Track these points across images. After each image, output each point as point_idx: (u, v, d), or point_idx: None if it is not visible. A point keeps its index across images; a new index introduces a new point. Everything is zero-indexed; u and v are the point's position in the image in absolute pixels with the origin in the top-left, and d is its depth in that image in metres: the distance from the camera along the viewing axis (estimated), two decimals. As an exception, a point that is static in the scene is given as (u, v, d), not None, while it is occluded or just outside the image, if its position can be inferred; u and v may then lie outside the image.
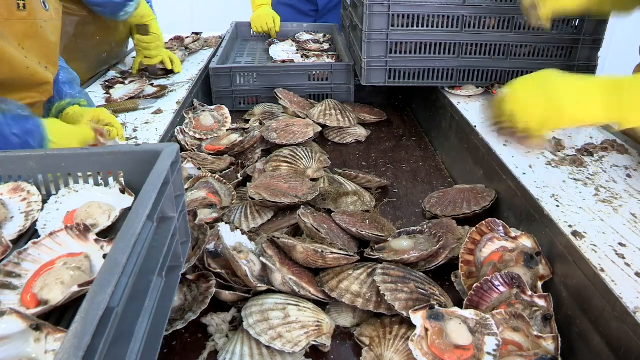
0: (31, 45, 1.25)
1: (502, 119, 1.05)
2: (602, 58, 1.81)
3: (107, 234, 0.87)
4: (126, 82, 1.96)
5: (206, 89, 2.08)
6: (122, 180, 0.93)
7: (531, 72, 1.71)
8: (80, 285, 0.68)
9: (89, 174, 0.96)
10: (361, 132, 1.79)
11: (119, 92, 1.85)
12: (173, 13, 4.12)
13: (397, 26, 1.71)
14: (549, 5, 1.22)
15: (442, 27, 1.72)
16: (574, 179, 1.23)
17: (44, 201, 0.96)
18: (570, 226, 1.05)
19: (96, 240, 0.81)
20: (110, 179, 0.97)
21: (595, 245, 0.99)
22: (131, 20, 1.98)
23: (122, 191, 0.92)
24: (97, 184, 0.96)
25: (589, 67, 1.79)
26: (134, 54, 2.44)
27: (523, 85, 1.05)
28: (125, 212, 0.89)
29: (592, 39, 1.74)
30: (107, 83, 1.97)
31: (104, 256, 0.79)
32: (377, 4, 1.67)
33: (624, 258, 0.95)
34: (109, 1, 1.85)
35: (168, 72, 2.11)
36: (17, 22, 1.20)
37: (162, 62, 2.09)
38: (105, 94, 1.87)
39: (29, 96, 1.30)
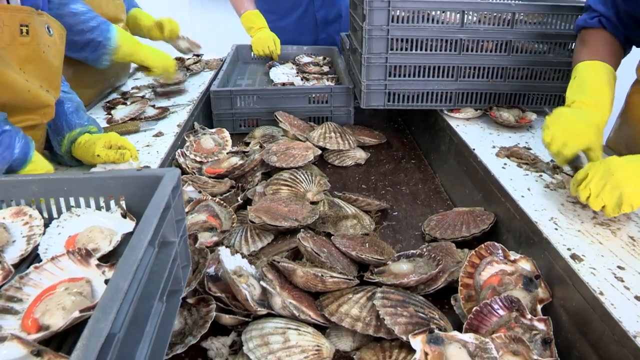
0: (33, 69, 1.27)
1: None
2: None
3: (108, 258, 0.88)
4: (127, 102, 1.97)
5: (207, 111, 2.09)
6: (123, 204, 0.94)
7: (529, 95, 1.77)
8: (81, 311, 0.69)
9: (90, 198, 0.97)
10: (361, 155, 1.80)
11: (120, 113, 1.86)
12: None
13: (396, 50, 1.73)
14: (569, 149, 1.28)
15: (441, 50, 1.74)
16: (572, 202, 1.23)
17: (46, 225, 0.96)
18: (569, 249, 1.05)
19: (98, 265, 0.82)
20: (112, 203, 0.97)
21: (594, 269, 0.99)
22: (121, 61, 1.96)
23: (124, 216, 0.93)
24: (98, 208, 0.97)
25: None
26: (136, 75, 2.47)
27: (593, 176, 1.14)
28: (127, 237, 0.90)
29: (589, 62, 1.76)
30: (108, 104, 1.98)
31: (106, 281, 0.79)
32: (376, 28, 1.69)
33: (623, 281, 0.96)
34: (85, 57, 1.85)
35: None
36: (19, 47, 1.22)
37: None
38: (106, 114, 1.89)
39: (31, 118, 1.31)
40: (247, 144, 1.85)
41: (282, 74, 2.37)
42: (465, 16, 1.70)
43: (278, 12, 2.91)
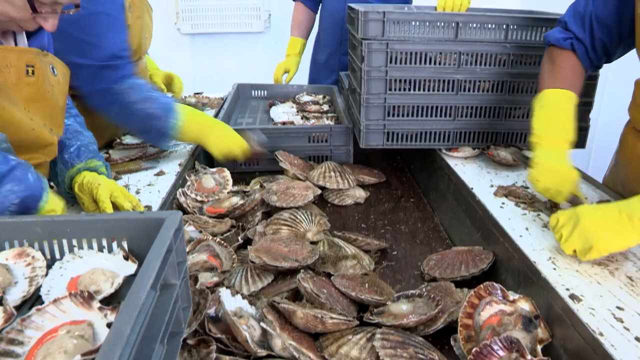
0: (37, 108, 1.29)
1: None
2: (594, 118, 1.86)
3: (110, 300, 0.88)
4: (126, 141, 1.99)
5: (208, 150, 2.11)
6: (125, 246, 0.95)
7: (526, 133, 1.80)
8: (83, 355, 0.69)
9: (93, 239, 0.98)
10: (360, 194, 1.82)
11: (119, 153, 1.88)
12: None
13: (395, 90, 1.76)
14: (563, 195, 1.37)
15: (438, 90, 1.78)
16: (570, 242, 1.24)
17: (49, 266, 0.97)
18: (567, 289, 1.06)
19: (100, 308, 0.82)
20: (114, 245, 0.98)
21: (593, 309, 1.00)
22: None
23: (126, 258, 0.94)
24: (101, 249, 0.98)
25: (581, 128, 1.83)
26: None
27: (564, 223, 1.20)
28: (129, 279, 0.90)
29: (583, 101, 1.79)
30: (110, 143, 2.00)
31: (108, 325, 0.80)
32: (375, 69, 1.72)
33: (622, 322, 0.96)
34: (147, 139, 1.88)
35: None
36: (25, 86, 1.24)
37: None
38: (104, 153, 1.91)
39: (34, 157, 1.32)
40: (248, 183, 1.86)
41: (283, 112, 2.41)
42: (462, 57, 1.74)
43: (317, 45, 3.13)
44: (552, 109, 1.42)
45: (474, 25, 1.74)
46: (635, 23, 1.35)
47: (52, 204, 1.22)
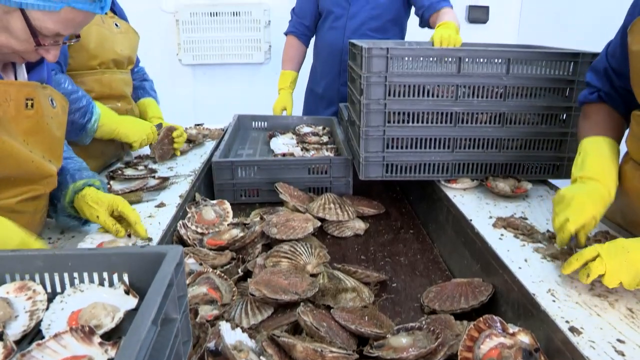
0: (36, 140, 1.31)
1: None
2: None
3: (110, 335, 0.88)
4: (128, 173, 2.01)
5: (208, 181, 2.13)
6: (127, 280, 0.96)
7: (524, 164, 1.81)
8: (84, 390, 0.69)
9: (94, 273, 0.98)
10: (360, 226, 1.82)
11: (120, 185, 1.90)
12: (176, 105, 4.26)
13: (393, 122, 1.78)
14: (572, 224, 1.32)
15: (436, 123, 1.80)
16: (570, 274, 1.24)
17: (49, 300, 0.97)
18: (567, 322, 1.06)
19: (100, 344, 0.82)
20: (115, 278, 0.99)
21: (593, 342, 1.00)
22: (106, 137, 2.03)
23: (127, 292, 0.94)
24: (102, 283, 0.99)
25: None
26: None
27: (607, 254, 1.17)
28: (129, 313, 0.91)
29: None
30: (111, 174, 2.01)
31: (108, 360, 0.80)
32: (374, 102, 1.75)
33: (623, 355, 0.96)
34: (71, 139, 1.88)
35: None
36: (24, 119, 1.26)
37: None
38: (106, 184, 1.92)
39: (34, 189, 1.34)
40: (248, 214, 1.87)
41: (283, 144, 2.43)
42: (460, 90, 1.76)
43: (313, 76, 3.22)
44: (587, 154, 1.43)
45: (479, 59, 1.77)
46: (629, 59, 1.38)
47: None
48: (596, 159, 1.41)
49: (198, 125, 2.83)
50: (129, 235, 1.45)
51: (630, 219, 1.50)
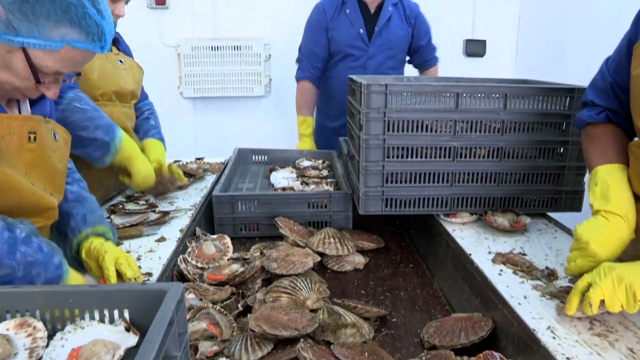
0: (38, 173, 1.32)
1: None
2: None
3: (110, 372, 0.88)
4: (129, 207, 2.02)
5: (209, 215, 2.13)
6: (127, 317, 0.96)
7: (522, 198, 1.82)
8: None
9: (95, 310, 0.99)
10: (359, 260, 1.83)
11: (120, 219, 1.90)
12: (177, 138, 4.29)
13: (393, 157, 1.80)
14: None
15: (435, 157, 1.81)
16: (569, 311, 1.24)
17: (50, 337, 0.98)
18: (567, 358, 1.06)
19: (101, 382, 0.83)
20: (116, 315, 0.99)
21: (593, 380, 1.00)
22: (118, 164, 2.02)
23: (127, 329, 0.94)
24: (102, 320, 0.99)
25: (576, 192, 1.87)
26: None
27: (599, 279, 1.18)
28: (130, 351, 0.91)
29: (577, 165, 1.84)
30: (112, 208, 2.02)
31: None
32: (373, 137, 1.77)
33: (623, 394, 0.96)
34: (88, 154, 1.91)
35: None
36: (26, 152, 1.27)
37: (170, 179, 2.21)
38: (106, 217, 1.93)
39: (36, 221, 1.34)
40: (248, 249, 1.87)
41: (283, 178, 2.44)
42: (458, 125, 1.78)
43: (324, 112, 3.36)
44: (606, 185, 1.37)
45: (477, 95, 1.80)
46: (630, 84, 1.37)
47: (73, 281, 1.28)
48: (618, 192, 1.35)
49: (198, 159, 2.85)
50: None
51: (632, 253, 1.49)
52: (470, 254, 1.57)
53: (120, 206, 2.03)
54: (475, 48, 4.51)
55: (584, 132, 1.58)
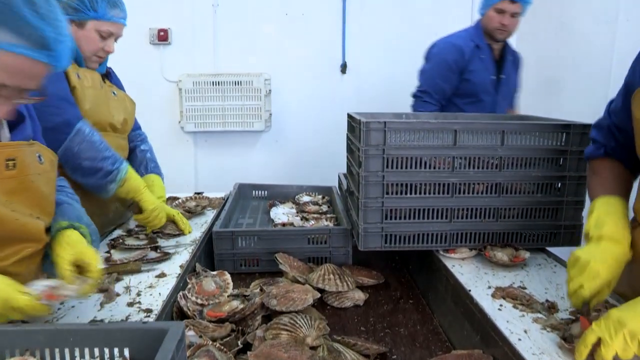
0: (21, 199, 1.30)
1: None
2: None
3: (110, 413, 0.89)
4: (129, 242, 2.03)
5: (209, 250, 2.14)
6: (128, 356, 0.96)
7: (521, 233, 1.83)
8: None
9: (95, 349, 0.99)
10: (359, 296, 1.83)
11: (120, 254, 1.91)
12: (177, 172, 4.32)
13: (392, 194, 1.81)
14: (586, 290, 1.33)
15: (434, 193, 1.83)
16: (570, 348, 1.24)
17: (49, 376, 0.98)
18: (568, 395, 1.06)
19: (100, 422, 0.83)
20: (116, 353, 0.99)
21: (594, 418, 0.99)
22: (124, 196, 2.07)
23: (128, 368, 0.95)
24: (102, 358, 0.99)
25: (575, 227, 1.88)
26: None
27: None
28: (129, 390, 0.91)
29: (575, 200, 1.85)
30: (112, 242, 2.03)
31: None
32: (372, 174, 1.78)
33: None
34: (92, 183, 1.97)
35: (178, 232, 2.20)
36: (5, 180, 1.24)
37: (172, 222, 2.20)
38: (105, 252, 1.93)
39: (26, 247, 1.32)
40: (248, 285, 1.87)
41: (283, 213, 2.45)
42: (456, 161, 1.80)
43: None
44: (601, 214, 1.44)
45: (475, 131, 1.82)
46: (634, 125, 1.43)
47: None
48: (611, 218, 1.41)
49: (198, 194, 2.86)
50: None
51: (639, 288, 1.50)
52: (469, 290, 1.58)
53: (120, 240, 2.03)
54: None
55: (588, 165, 1.69)
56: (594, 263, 1.31)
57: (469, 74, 3.20)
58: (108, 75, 2.32)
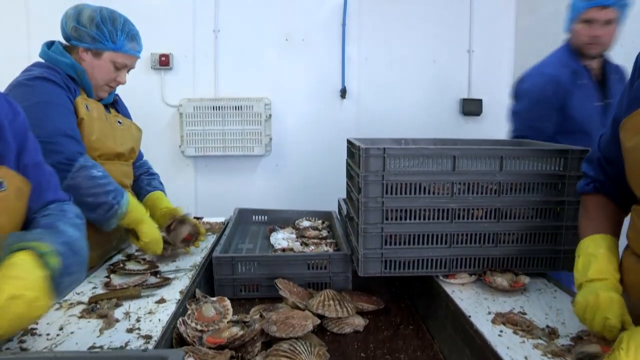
0: None
1: None
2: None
3: None
4: (129, 267, 2.03)
5: (209, 275, 2.13)
6: (127, 385, 0.96)
7: (521, 258, 1.84)
8: None
9: (95, 377, 0.99)
10: (359, 322, 1.82)
11: (119, 279, 1.91)
12: (178, 196, 4.32)
13: (391, 219, 1.82)
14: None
15: (433, 219, 1.84)
16: (569, 374, 1.24)
17: (48, 405, 0.98)
18: None
19: None
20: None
21: None
22: (125, 226, 2.11)
23: (127, 397, 0.95)
24: (101, 387, 0.99)
25: (574, 251, 1.88)
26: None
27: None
28: (129, 419, 0.91)
29: (574, 225, 1.86)
30: (112, 267, 2.03)
31: None
32: (372, 200, 1.79)
33: None
34: (94, 218, 1.98)
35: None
36: None
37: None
38: (105, 277, 1.93)
39: None
40: (248, 311, 1.87)
41: (282, 238, 2.45)
42: (455, 187, 1.81)
43: None
44: (588, 257, 1.47)
45: (473, 157, 1.84)
46: (623, 155, 1.45)
47: None
48: (595, 259, 1.45)
49: (198, 218, 2.86)
50: None
51: (634, 315, 1.50)
52: (469, 316, 1.57)
53: (121, 265, 2.04)
54: (471, 107, 4.61)
55: (581, 200, 1.71)
56: (602, 292, 1.33)
57: (571, 108, 2.73)
58: (115, 103, 2.36)
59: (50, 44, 2.14)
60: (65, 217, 1.45)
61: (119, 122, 2.27)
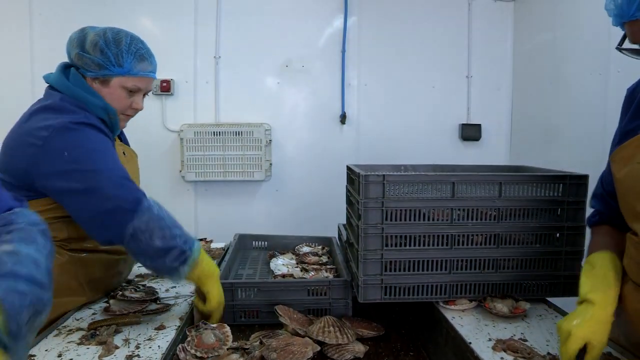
0: None
1: None
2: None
3: None
4: (128, 293, 2.02)
5: (209, 302, 2.13)
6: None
7: (521, 284, 1.84)
8: None
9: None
10: (359, 349, 1.81)
11: (119, 305, 1.91)
12: (178, 221, 4.32)
13: (391, 246, 1.83)
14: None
15: (433, 245, 1.84)
16: (570, 402, 1.24)
17: None
18: None
19: None
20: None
21: None
22: (193, 281, 1.86)
23: None
24: (101, 416, 0.99)
25: (574, 277, 1.89)
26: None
27: None
28: None
29: (573, 250, 1.87)
30: (111, 293, 2.03)
31: None
32: (372, 226, 1.80)
33: None
34: (160, 265, 1.77)
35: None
36: None
37: None
38: (105, 302, 1.93)
39: None
40: (247, 337, 1.86)
41: (282, 264, 2.45)
42: (455, 213, 1.82)
43: None
44: (595, 271, 1.49)
45: (472, 183, 1.86)
46: (616, 187, 1.49)
47: None
48: (592, 278, 1.47)
49: (201, 240, 2.87)
50: None
51: (634, 341, 1.50)
52: (470, 342, 1.57)
53: (120, 292, 2.03)
54: (470, 132, 4.63)
55: (591, 231, 1.75)
56: (565, 324, 1.39)
57: None
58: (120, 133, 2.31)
59: (64, 70, 1.93)
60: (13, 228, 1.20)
61: (123, 153, 2.20)
